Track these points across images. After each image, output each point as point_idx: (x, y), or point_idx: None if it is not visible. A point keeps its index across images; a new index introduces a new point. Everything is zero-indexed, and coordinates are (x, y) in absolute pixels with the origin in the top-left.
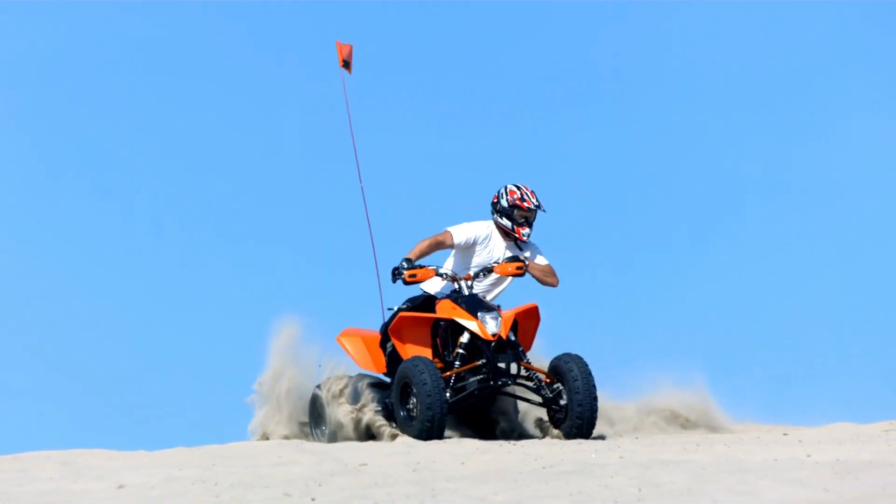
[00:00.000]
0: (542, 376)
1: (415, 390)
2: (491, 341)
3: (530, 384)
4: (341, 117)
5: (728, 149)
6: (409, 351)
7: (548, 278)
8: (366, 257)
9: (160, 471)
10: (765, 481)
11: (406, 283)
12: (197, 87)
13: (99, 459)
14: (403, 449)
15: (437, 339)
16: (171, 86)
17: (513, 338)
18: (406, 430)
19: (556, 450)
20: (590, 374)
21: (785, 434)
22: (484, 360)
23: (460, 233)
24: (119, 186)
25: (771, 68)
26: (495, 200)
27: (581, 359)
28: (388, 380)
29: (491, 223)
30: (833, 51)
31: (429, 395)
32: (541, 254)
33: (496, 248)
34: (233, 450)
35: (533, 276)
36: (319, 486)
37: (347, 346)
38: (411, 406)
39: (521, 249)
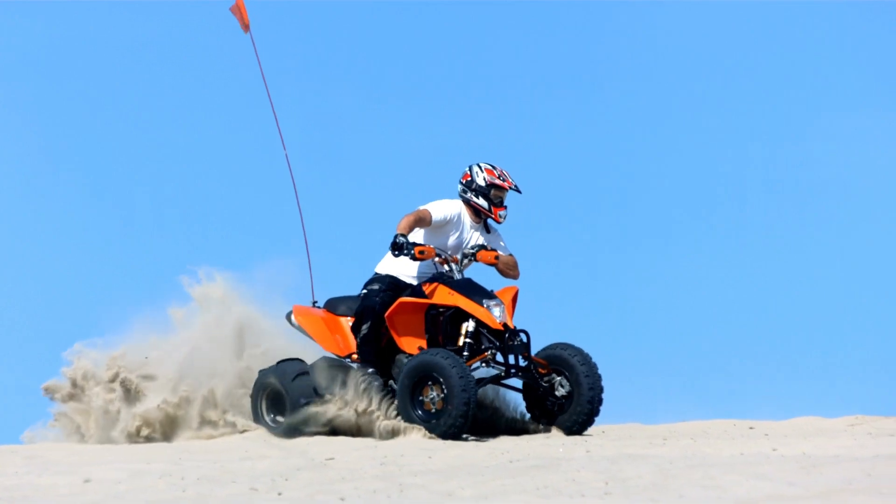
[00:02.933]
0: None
1: (444, 384)
2: (500, 330)
3: (534, 375)
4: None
5: (704, 144)
6: (405, 339)
7: (510, 271)
8: (296, 236)
9: (126, 465)
10: (731, 475)
11: (415, 258)
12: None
13: (64, 454)
14: (370, 443)
15: (430, 326)
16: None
17: (516, 326)
18: (424, 425)
19: (522, 444)
20: (595, 364)
21: (751, 428)
22: (492, 350)
23: (437, 210)
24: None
25: (762, 64)
26: (468, 179)
27: (582, 349)
28: (353, 364)
29: (460, 202)
30: (825, 49)
31: (464, 391)
32: (502, 240)
33: (465, 229)
34: (199, 444)
35: (497, 267)
36: (286, 480)
37: (307, 327)
38: (429, 401)
39: (487, 231)
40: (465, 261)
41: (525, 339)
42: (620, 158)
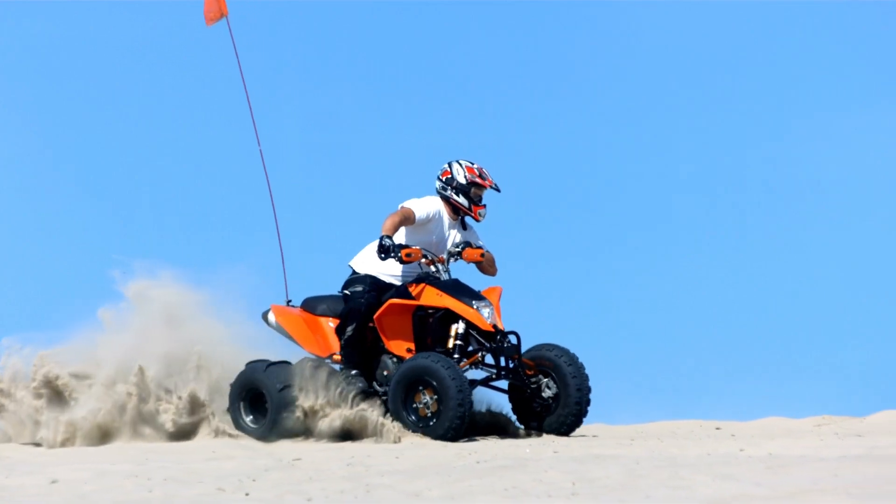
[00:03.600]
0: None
1: (438, 388)
2: (490, 332)
3: (523, 377)
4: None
5: (675, 144)
6: (393, 341)
7: (491, 268)
8: (270, 237)
9: (93, 466)
10: (698, 476)
11: (402, 262)
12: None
13: (30, 455)
14: (337, 444)
15: (418, 328)
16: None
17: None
18: (417, 430)
19: (490, 445)
20: (582, 364)
21: (718, 429)
22: (482, 352)
23: (420, 208)
24: None
25: (760, 63)
26: (447, 176)
27: (569, 350)
28: (335, 365)
29: (439, 199)
30: (819, 47)
31: (460, 392)
32: (479, 238)
33: (445, 227)
34: (165, 445)
35: (480, 265)
36: (253, 481)
37: (287, 327)
38: (422, 405)
39: (464, 228)
40: (451, 259)
41: (515, 341)
42: (596, 157)
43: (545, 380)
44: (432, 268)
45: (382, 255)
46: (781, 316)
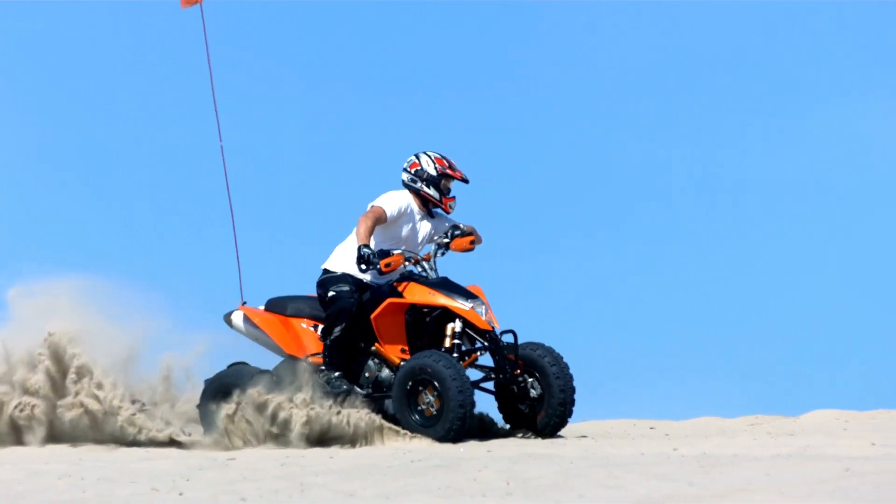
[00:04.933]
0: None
1: (440, 388)
2: (486, 330)
3: (516, 377)
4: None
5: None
6: (388, 343)
7: (479, 242)
8: (226, 236)
9: (25, 465)
10: (632, 475)
11: (381, 273)
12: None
13: None
14: (271, 444)
15: (412, 328)
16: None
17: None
18: (421, 431)
19: (424, 444)
20: (566, 364)
21: (651, 428)
22: (480, 352)
23: (390, 205)
24: None
25: (758, 61)
26: (416, 168)
27: (553, 349)
28: (321, 367)
29: (407, 192)
30: (812, 44)
31: (461, 392)
32: (446, 220)
33: (416, 219)
34: (99, 445)
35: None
36: (187, 480)
37: (266, 328)
38: (425, 406)
39: (431, 217)
40: (439, 253)
41: (513, 339)
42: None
43: (530, 380)
44: (417, 267)
45: (362, 268)
46: (715, 315)
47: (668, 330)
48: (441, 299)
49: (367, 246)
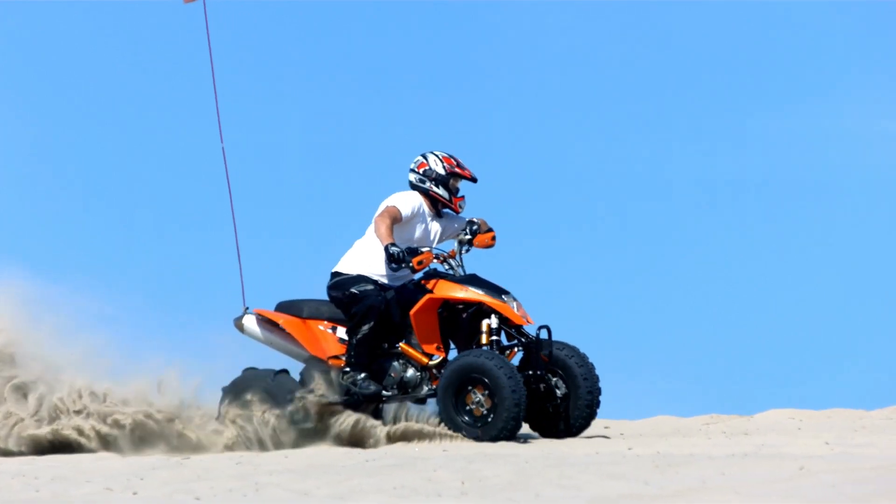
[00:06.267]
0: None
1: (492, 385)
2: (523, 326)
3: (547, 375)
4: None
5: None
6: (425, 341)
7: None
8: (227, 239)
9: None
10: (587, 475)
11: (415, 271)
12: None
13: None
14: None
15: (447, 325)
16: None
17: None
18: (471, 431)
19: (379, 444)
20: (592, 364)
21: (606, 427)
22: (516, 348)
23: (404, 205)
24: None
25: (757, 61)
26: (424, 168)
27: (578, 349)
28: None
29: (417, 193)
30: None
31: (514, 392)
32: (456, 220)
33: (427, 220)
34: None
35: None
36: (141, 480)
37: (291, 330)
38: (474, 406)
39: (440, 217)
40: (463, 250)
41: (546, 335)
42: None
43: (554, 379)
44: (444, 265)
45: (394, 266)
46: (669, 315)
47: (623, 329)
48: (477, 294)
49: (394, 244)
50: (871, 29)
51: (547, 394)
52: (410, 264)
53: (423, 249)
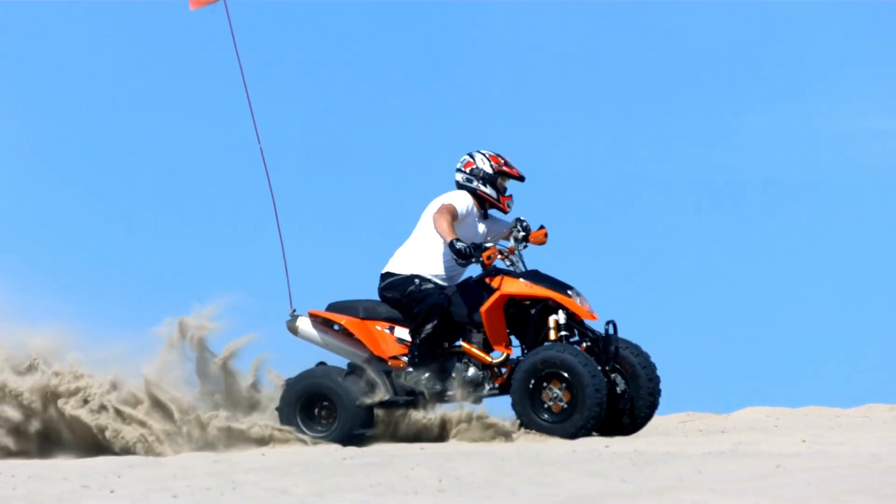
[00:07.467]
0: None
1: (571, 378)
2: (591, 321)
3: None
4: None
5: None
6: (494, 339)
7: None
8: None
9: None
10: (564, 472)
11: (485, 267)
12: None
13: None
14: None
15: (514, 322)
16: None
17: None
18: (551, 428)
19: (357, 442)
20: (647, 354)
21: None
22: (585, 343)
23: (459, 203)
24: None
25: (756, 60)
26: (471, 167)
27: (631, 341)
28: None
29: (466, 193)
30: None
31: (597, 391)
32: (500, 221)
33: (477, 220)
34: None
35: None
36: (118, 477)
37: (355, 331)
38: (552, 402)
39: (486, 218)
40: (521, 246)
41: (614, 331)
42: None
43: (613, 375)
44: (505, 262)
45: (462, 262)
46: (646, 312)
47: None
48: (542, 291)
49: (459, 240)
50: (863, 27)
51: (609, 390)
52: (480, 259)
53: (488, 245)
